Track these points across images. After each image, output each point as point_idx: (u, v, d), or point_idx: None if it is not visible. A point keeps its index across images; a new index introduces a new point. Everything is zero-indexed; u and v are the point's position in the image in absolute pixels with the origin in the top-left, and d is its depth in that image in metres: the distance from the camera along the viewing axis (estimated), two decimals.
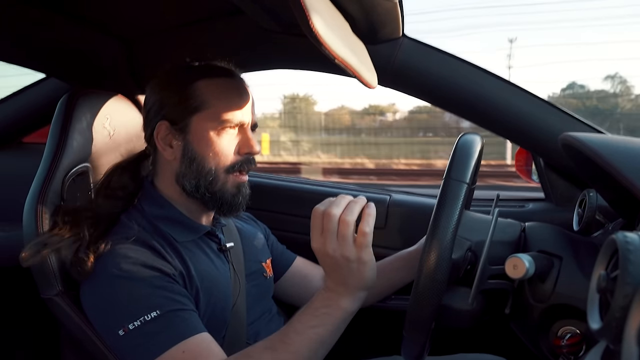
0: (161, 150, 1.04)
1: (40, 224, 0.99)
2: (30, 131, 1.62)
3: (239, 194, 1.05)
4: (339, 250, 0.85)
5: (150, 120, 1.05)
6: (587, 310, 0.61)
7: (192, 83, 1.02)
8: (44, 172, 1.04)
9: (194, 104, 1.01)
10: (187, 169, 1.02)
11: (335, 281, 0.88)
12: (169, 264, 0.96)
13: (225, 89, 1.03)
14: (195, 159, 1.01)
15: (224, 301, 1.04)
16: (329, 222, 0.85)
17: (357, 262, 0.85)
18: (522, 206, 1.52)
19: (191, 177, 1.02)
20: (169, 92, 1.03)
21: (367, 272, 0.87)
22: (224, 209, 1.05)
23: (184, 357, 0.87)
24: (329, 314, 0.87)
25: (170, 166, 1.05)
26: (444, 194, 0.87)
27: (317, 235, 0.87)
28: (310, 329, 0.87)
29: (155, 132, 1.03)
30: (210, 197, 1.03)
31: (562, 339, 0.85)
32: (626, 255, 0.52)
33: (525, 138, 1.26)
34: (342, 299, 0.88)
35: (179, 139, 1.02)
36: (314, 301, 0.90)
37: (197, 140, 1.01)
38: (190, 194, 1.03)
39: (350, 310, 0.89)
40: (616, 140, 0.84)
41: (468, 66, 1.22)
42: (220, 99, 1.02)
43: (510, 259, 0.84)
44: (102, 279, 0.93)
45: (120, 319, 0.89)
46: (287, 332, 0.88)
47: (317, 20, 0.63)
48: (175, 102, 1.02)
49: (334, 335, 0.89)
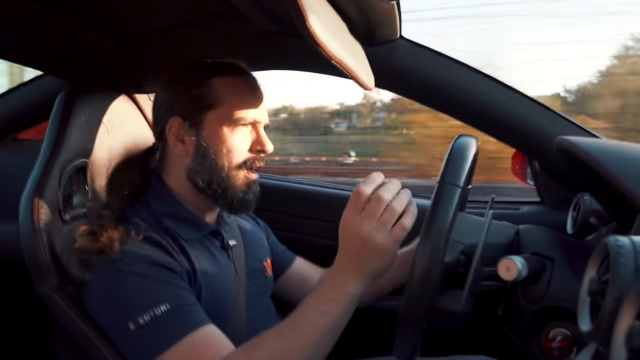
0: (173, 146, 1.04)
1: (36, 219, 0.99)
2: (25, 128, 1.61)
3: (249, 191, 1.05)
4: (374, 234, 0.85)
5: (162, 116, 1.05)
6: (578, 312, 0.61)
7: (207, 80, 1.02)
8: (41, 167, 1.04)
9: (208, 100, 1.01)
10: (199, 165, 1.02)
11: (350, 264, 0.88)
12: (175, 260, 0.96)
13: (240, 86, 1.04)
14: (208, 155, 1.01)
15: (224, 298, 1.04)
16: (377, 203, 0.85)
17: (384, 251, 0.86)
18: (517, 209, 1.53)
19: (204, 173, 1.02)
20: (182, 89, 1.03)
21: (386, 263, 0.88)
22: (234, 206, 1.05)
23: (194, 347, 0.88)
24: (337, 299, 0.87)
25: (181, 162, 1.05)
26: (438, 197, 0.87)
27: (354, 213, 0.86)
28: (320, 315, 0.86)
29: (167, 127, 1.03)
30: (222, 193, 1.03)
31: (554, 341, 0.85)
32: (617, 259, 0.53)
33: (521, 141, 1.27)
34: (350, 283, 0.87)
35: (192, 134, 1.02)
36: (322, 286, 0.89)
37: (210, 137, 1.01)
38: (201, 190, 1.03)
39: (359, 294, 0.88)
40: (611, 144, 0.85)
41: (465, 68, 1.22)
42: (235, 97, 1.02)
43: (503, 260, 0.84)
44: (109, 275, 0.93)
45: (131, 313, 0.89)
46: (296, 320, 0.88)
47: (314, 20, 0.63)
48: (189, 99, 1.02)
49: (343, 320, 0.89)
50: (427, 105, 1.29)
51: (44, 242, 0.98)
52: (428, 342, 1.06)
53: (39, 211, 1.00)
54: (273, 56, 1.28)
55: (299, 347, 0.86)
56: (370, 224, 0.85)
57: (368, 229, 0.85)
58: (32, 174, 1.04)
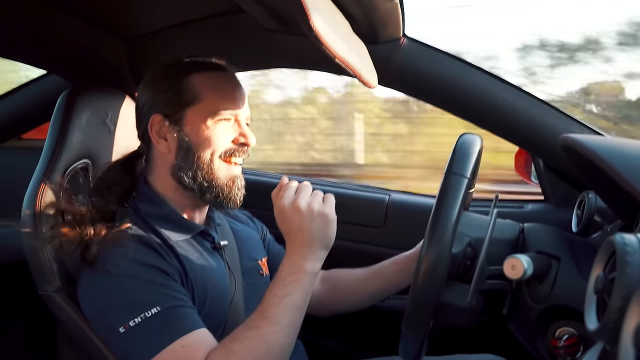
0: (155, 143, 1.05)
1: (38, 219, 0.99)
2: (29, 128, 1.61)
3: (234, 185, 1.06)
4: (312, 204, 0.94)
5: (144, 116, 1.06)
6: (584, 311, 0.61)
7: (185, 77, 1.03)
8: (44, 167, 1.04)
9: (188, 97, 1.02)
10: (182, 160, 1.03)
11: (300, 243, 0.94)
12: (166, 261, 0.96)
13: (219, 82, 1.05)
14: (191, 150, 1.02)
15: (221, 299, 1.04)
16: (305, 186, 0.97)
17: (325, 217, 0.94)
18: (521, 207, 1.52)
19: (187, 169, 1.02)
20: (162, 87, 1.04)
21: (330, 229, 0.95)
22: (220, 200, 1.05)
23: (184, 352, 0.88)
24: (297, 280, 0.93)
25: (165, 160, 1.05)
26: (445, 187, 0.87)
27: (289, 193, 0.95)
28: (284, 298, 0.92)
29: (149, 125, 1.04)
30: (208, 186, 1.03)
31: (560, 340, 0.85)
32: (624, 257, 0.52)
33: (525, 139, 1.26)
34: (306, 262, 0.94)
35: (174, 131, 1.03)
36: (280, 273, 0.95)
37: (192, 132, 1.02)
38: (187, 186, 1.03)
39: (315, 271, 0.96)
40: (615, 142, 0.84)
41: (468, 67, 1.22)
42: (214, 92, 1.03)
43: (509, 259, 0.84)
44: (100, 277, 0.93)
45: (121, 316, 0.89)
46: (265, 308, 0.92)
47: (317, 19, 0.63)
48: (169, 96, 1.03)
49: (305, 299, 0.95)
50: (430, 104, 1.29)
51: (46, 244, 0.98)
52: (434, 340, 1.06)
53: (41, 212, 1.00)
54: (276, 55, 1.28)
55: (273, 331, 0.90)
56: (304, 197, 0.94)
57: (305, 202, 0.94)
58: (35, 175, 1.04)
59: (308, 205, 0.93)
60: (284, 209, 0.95)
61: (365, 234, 1.56)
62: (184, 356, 0.88)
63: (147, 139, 1.06)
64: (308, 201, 0.94)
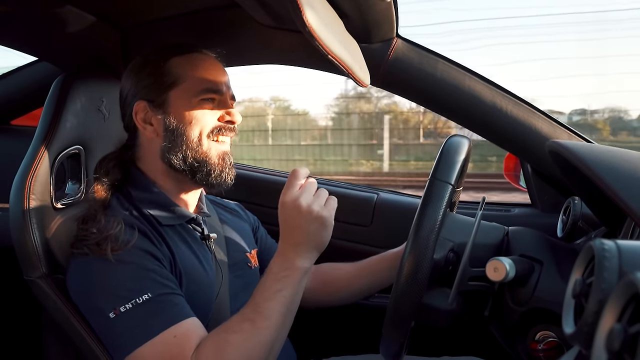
0: (142, 129, 1.05)
1: (27, 205, 0.99)
2: (19, 114, 1.60)
3: (224, 163, 1.07)
4: (312, 205, 0.93)
5: (128, 105, 1.07)
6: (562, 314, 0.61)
7: (166, 61, 1.04)
8: (34, 152, 1.03)
9: (170, 80, 1.03)
10: (170, 142, 1.03)
11: (294, 241, 0.94)
12: (156, 247, 0.97)
13: (199, 62, 1.06)
14: (178, 130, 1.03)
15: (207, 290, 1.04)
16: (311, 184, 0.95)
17: (323, 221, 0.93)
18: (508, 210, 1.53)
19: (177, 150, 1.03)
20: (143, 74, 1.05)
21: (325, 234, 0.95)
22: (211, 180, 1.06)
23: (175, 341, 0.88)
24: (289, 276, 0.93)
25: (152, 145, 1.06)
26: (428, 194, 0.88)
27: (292, 190, 0.94)
28: (277, 293, 0.92)
29: (133, 112, 1.04)
30: (198, 166, 1.04)
31: (540, 344, 0.86)
32: (602, 262, 0.53)
33: (514, 143, 1.27)
34: (297, 259, 0.94)
35: (159, 114, 1.03)
36: (272, 268, 0.95)
37: (177, 113, 1.03)
38: (177, 168, 1.04)
39: (306, 268, 0.95)
40: (602, 149, 0.85)
41: (460, 70, 1.23)
42: (194, 72, 1.04)
43: (491, 261, 0.85)
44: (90, 261, 0.93)
45: (111, 300, 0.89)
46: (258, 302, 0.92)
47: (311, 15, 0.63)
48: (151, 82, 1.04)
49: (297, 295, 0.95)
50: (421, 105, 1.30)
51: (34, 229, 0.97)
52: (418, 342, 1.07)
53: (30, 198, 0.99)
54: (269, 51, 1.28)
55: (267, 325, 0.90)
56: (307, 197, 0.93)
57: (306, 202, 0.92)
58: (24, 160, 1.03)
59: (309, 205, 0.92)
60: (285, 203, 0.94)
61: (351, 232, 1.57)
62: (176, 345, 0.88)
63: (134, 127, 1.07)
64: (309, 201, 0.93)
